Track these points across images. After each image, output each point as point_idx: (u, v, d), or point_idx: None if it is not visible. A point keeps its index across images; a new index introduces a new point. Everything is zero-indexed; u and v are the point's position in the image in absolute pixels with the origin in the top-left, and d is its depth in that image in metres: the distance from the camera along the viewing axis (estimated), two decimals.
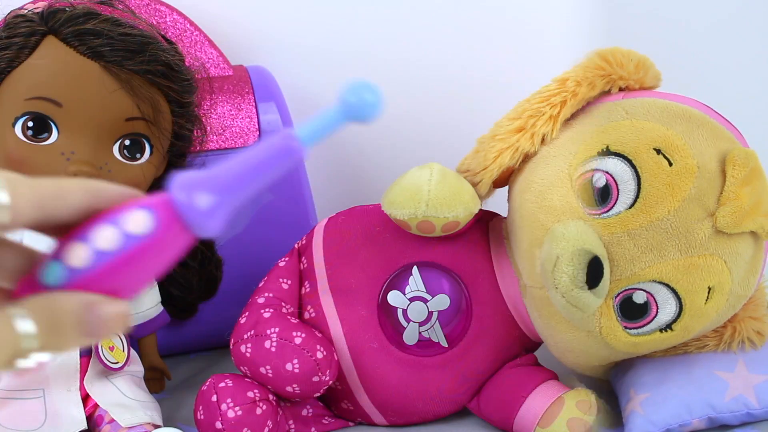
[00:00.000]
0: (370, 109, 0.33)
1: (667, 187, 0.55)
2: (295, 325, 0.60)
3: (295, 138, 0.32)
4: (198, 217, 0.31)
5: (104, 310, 0.30)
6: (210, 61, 0.80)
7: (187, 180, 0.31)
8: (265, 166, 0.32)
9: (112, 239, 0.31)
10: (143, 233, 0.31)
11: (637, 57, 0.62)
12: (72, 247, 0.31)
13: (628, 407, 0.61)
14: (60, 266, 0.31)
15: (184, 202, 0.31)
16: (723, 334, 0.61)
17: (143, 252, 0.31)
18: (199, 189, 0.31)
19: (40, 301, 0.29)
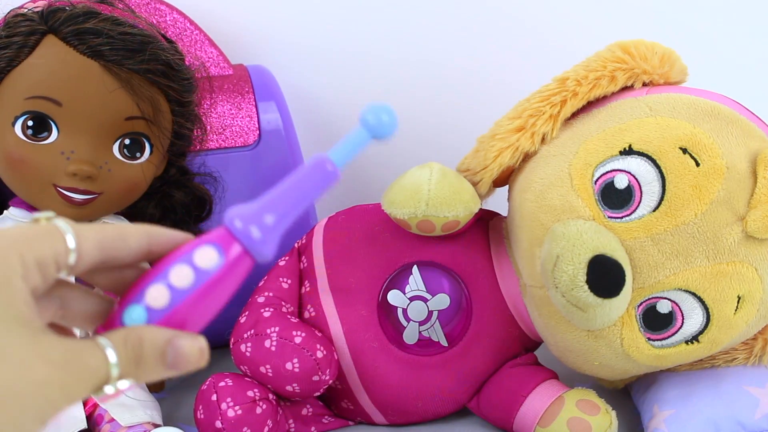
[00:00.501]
0: (388, 128, 0.37)
1: (694, 188, 0.53)
2: (295, 325, 0.60)
3: (329, 161, 0.36)
4: (257, 245, 0.35)
5: (184, 345, 0.32)
6: (210, 60, 0.80)
7: (243, 212, 0.35)
8: (306, 191, 0.36)
9: (187, 277, 0.34)
10: (213, 267, 0.34)
11: (662, 50, 0.60)
12: (151, 289, 0.34)
13: (651, 424, 0.59)
14: (141, 308, 0.34)
15: (244, 233, 0.34)
16: (753, 347, 0.59)
17: (215, 285, 0.34)
18: (254, 219, 0.35)
19: (126, 333, 0.32)
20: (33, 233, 0.32)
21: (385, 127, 0.37)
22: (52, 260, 0.32)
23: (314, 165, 0.36)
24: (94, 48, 0.55)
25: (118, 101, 0.56)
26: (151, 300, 0.34)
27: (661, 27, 0.89)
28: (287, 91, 0.82)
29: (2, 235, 0.32)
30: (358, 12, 0.90)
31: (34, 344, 0.30)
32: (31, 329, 0.30)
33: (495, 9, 0.90)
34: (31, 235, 0.32)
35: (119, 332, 0.32)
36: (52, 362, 0.30)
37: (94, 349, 0.31)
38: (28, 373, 0.29)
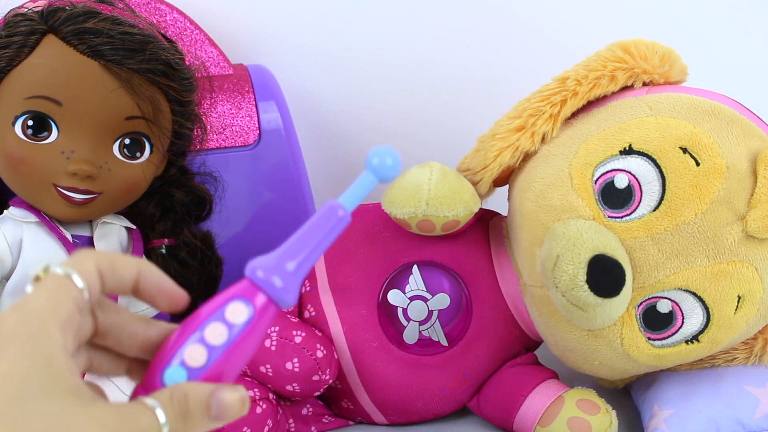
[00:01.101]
0: (392, 170, 0.39)
1: (694, 188, 0.53)
2: (295, 324, 0.60)
3: (340, 207, 0.39)
4: (281, 293, 0.37)
5: (226, 396, 0.34)
6: (210, 59, 0.80)
7: (263, 263, 0.37)
8: (321, 238, 0.38)
9: (222, 334, 0.36)
10: (245, 321, 0.36)
11: (662, 49, 0.60)
12: (188, 349, 0.36)
13: (652, 424, 0.59)
14: (180, 368, 0.36)
15: (267, 282, 0.37)
16: (753, 347, 0.59)
17: (247, 337, 0.37)
18: (275, 269, 0.37)
19: (171, 392, 0.34)
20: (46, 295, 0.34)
21: (389, 170, 0.39)
22: (75, 309, 0.34)
23: (326, 212, 0.39)
24: (94, 47, 0.55)
25: (118, 101, 0.56)
26: (190, 360, 0.36)
27: (661, 27, 0.89)
28: (287, 90, 0.82)
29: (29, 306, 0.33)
30: (358, 12, 0.90)
31: (88, 412, 0.31)
32: (83, 398, 0.32)
33: (495, 9, 0.90)
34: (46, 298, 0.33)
35: (164, 392, 0.34)
36: (107, 427, 0.31)
37: (143, 410, 0.33)
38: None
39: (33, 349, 0.32)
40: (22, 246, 0.57)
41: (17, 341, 0.32)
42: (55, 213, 0.58)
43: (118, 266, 0.37)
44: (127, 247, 0.63)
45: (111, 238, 0.62)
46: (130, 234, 0.64)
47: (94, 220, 0.61)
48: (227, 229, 0.73)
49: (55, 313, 0.33)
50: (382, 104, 0.93)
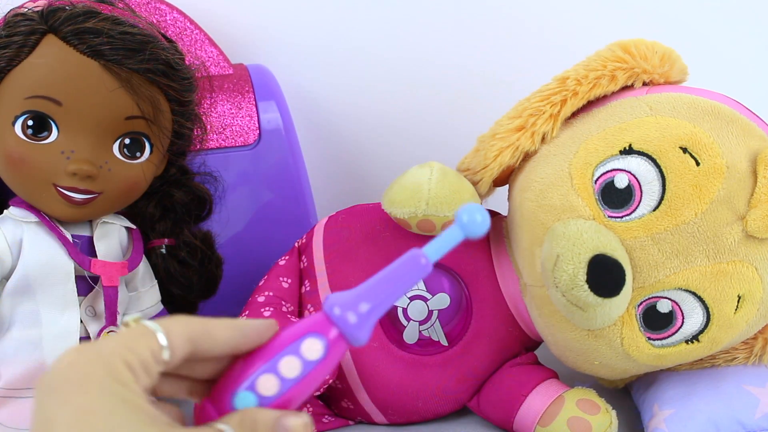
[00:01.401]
0: (480, 227, 0.39)
1: (694, 188, 0.53)
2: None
3: (423, 256, 0.39)
4: (355, 331, 0.38)
5: (292, 423, 0.36)
6: (210, 59, 0.80)
7: (341, 300, 0.38)
8: (399, 283, 0.39)
9: (296, 368, 0.37)
10: (319, 358, 0.38)
11: (662, 49, 0.60)
12: (261, 379, 0.37)
13: (652, 424, 0.59)
14: (252, 395, 0.37)
15: (342, 319, 0.38)
16: (753, 346, 0.59)
17: (320, 371, 0.38)
18: (351, 307, 0.38)
19: (241, 416, 0.36)
20: (129, 339, 0.36)
21: (478, 226, 0.39)
22: (152, 359, 0.36)
23: (409, 259, 0.39)
24: (94, 47, 0.55)
25: (118, 101, 0.56)
26: (262, 389, 0.37)
27: (661, 27, 0.89)
28: (287, 90, 0.82)
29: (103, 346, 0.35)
30: (358, 11, 0.90)
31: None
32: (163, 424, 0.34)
33: (495, 8, 0.91)
34: (127, 340, 0.36)
35: (234, 416, 0.36)
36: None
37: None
38: None
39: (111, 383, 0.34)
40: (22, 246, 0.57)
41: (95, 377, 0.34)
42: (55, 213, 0.58)
43: (214, 331, 0.38)
44: (127, 247, 0.63)
45: (111, 238, 0.62)
46: (130, 234, 0.64)
47: (94, 220, 0.61)
48: (227, 229, 0.73)
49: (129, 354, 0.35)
50: (382, 104, 0.93)
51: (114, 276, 0.60)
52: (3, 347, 0.56)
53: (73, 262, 0.58)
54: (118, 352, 0.35)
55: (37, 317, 0.57)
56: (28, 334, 0.57)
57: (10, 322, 0.57)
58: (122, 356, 0.35)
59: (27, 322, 0.57)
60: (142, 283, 0.65)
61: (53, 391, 0.34)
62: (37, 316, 0.57)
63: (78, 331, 0.58)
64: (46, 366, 0.56)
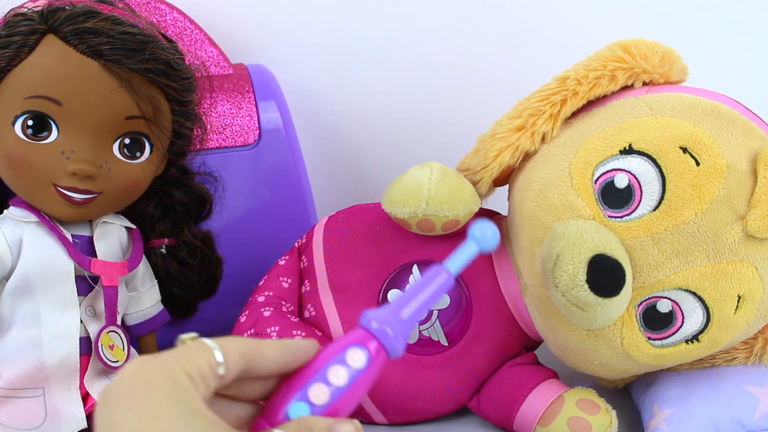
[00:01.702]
0: (491, 241, 0.44)
1: (694, 188, 0.53)
2: (294, 324, 0.60)
3: (446, 270, 0.44)
4: (392, 342, 0.42)
5: (345, 429, 0.39)
6: (210, 59, 0.80)
7: (377, 315, 0.42)
8: (428, 296, 0.43)
9: (343, 376, 0.41)
10: (363, 366, 0.41)
11: (662, 49, 0.60)
12: (313, 388, 0.40)
13: (652, 424, 0.59)
14: (304, 404, 0.40)
15: (381, 332, 0.42)
16: (753, 346, 0.59)
17: (364, 379, 0.41)
18: (387, 321, 0.42)
19: (297, 424, 0.38)
20: (188, 352, 0.38)
21: (489, 241, 0.44)
22: (209, 372, 0.38)
23: (434, 274, 0.44)
24: (94, 47, 0.55)
25: (118, 101, 0.56)
26: (314, 398, 0.40)
27: (661, 27, 0.89)
28: (287, 90, 0.82)
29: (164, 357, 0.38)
30: (358, 11, 0.90)
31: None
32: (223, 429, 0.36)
33: (495, 8, 0.90)
34: (187, 353, 0.38)
35: (290, 424, 0.38)
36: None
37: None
38: None
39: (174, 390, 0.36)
40: (22, 246, 0.57)
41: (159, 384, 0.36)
42: (55, 213, 0.58)
43: (265, 350, 0.41)
44: (127, 247, 0.63)
45: (111, 237, 0.62)
46: (130, 234, 0.64)
47: (94, 219, 0.61)
48: (227, 229, 0.73)
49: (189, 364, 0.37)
50: (382, 104, 0.93)
51: (114, 276, 0.60)
52: (3, 347, 0.56)
53: (73, 262, 0.58)
54: (179, 362, 0.38)
55: (37, 317, 0.57)
56: (28, 334, 0.57)
57: (10, 322, 0.57)
58: (183, 366, 0.37)
59: (27, 322, 0.57)
60: (142, 283, 0.65)
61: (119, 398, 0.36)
62: (37, 316, 0.57)
63: (78, 331, 0.58)
64: (46, 366, 0.56)
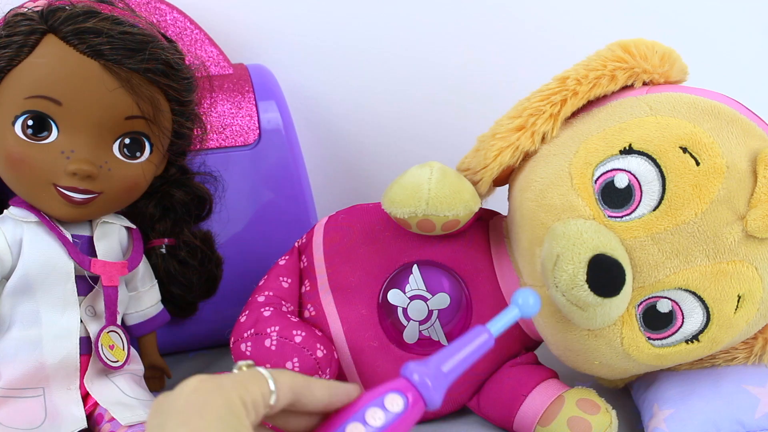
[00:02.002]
0: (533, 308, 0.47)
1: (694, 188, 0.53)
2: (295, 324, 0.60)
3: (488, 331, 0.47)
4: (431, 393, 0.44)
5: None
6: (210, 59, 0.80)
7: (419, 367, 0.45)
8: (468, 354, 0.46)
9: (380, 418, 0.43)
10: (399, 411, 0.43)
11: (662, 49, 0.59)
12: (350, 427, 0.43)
13: (652, 423, 0.59)
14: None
15: (421, 383, 0.44)
16: (753, 346, 0.59)
17: (400, 425, 0.43)
18: (427, 373, 0.45)
19: None
20: (245, 379, 0.41)
21: (530, 308, 0.48)
22: (261, 400, 0.41)
23: (476, 334, 0.47)
24: (94, 47, 0.55)
25: (118, 100, 0.56)
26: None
27: (661, 26, 0.89)
28: (287, 90, 0.82)
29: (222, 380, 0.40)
30: (358, 11, 0.90)
31: None
32: None
33: (495, 8, 0.91)
34: (243, 380, 0.41)
35: None
36: None
37: None
38: None
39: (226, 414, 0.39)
40: (22, 246, 0.57)
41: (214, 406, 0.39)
42: (55, 213, 0.58)
43: (313, 387, 0.44)
44: (127, 246, 0.63)
45: (111, 237, 0.62)
46: (130, 234, 0.64)
47: (94, 219, 0.61)
48: (227, 229, 0.73)
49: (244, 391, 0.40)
50: (382, 104, 0.93)
51: (114, 276, 0.60)
52: (3, 347, 0.56)
53: (73, 261, 0.58)
54: (236, 388, 0.40)
55: (37, 317, 0.57)
56: (28, 333, 0.57)
57: (10, 322, 0.57)
58: (238, 392, 0.40)
59: (27, 321, 0.57)
60: (142, 282, 0.65)
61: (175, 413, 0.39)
62: (37, 315, 0.57)
63: (78, 330, 0.58)
64: (46, 366, 0.56)
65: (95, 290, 0.60)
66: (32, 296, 0.57)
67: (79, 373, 0.58)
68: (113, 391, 0.59)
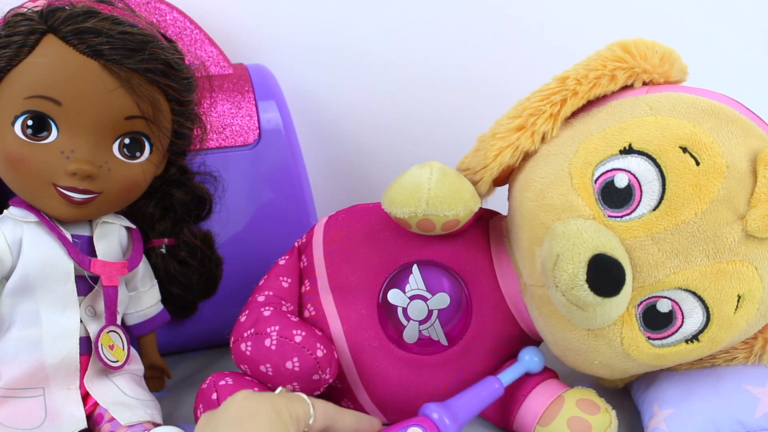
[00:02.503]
0: (538, 364, 0.60)
1: (694, 187, 0.53)
2: (295, 324, 0.60)
3: (498, 381, 0.58)
4: (448, 430, 0.53)
5: None
6: (210, 59, 0.80)
7: (438, 408, 0.54)
8: (480, 399, 0.57)
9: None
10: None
11: (662, 49, 0.59)
12: None
13: (651, 423, 0.59)
14: None
15: (440, 422, 0.54)
16: (753, 346, 0.59)
17: None
18: (446, 413, 0.54)
19: None
20: (289, 396, 0.47)
21: (535, 364, 0.60)
22: (303, 418, 0.47)
23: (488, 383, 0.58)
24: (93, 47, 0.55)
25: (117, 100, 0.56)
26: None
27: (661, 26, 0.89)
28: (287, 90, 0.82)
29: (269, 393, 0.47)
30: (358, 11, 0.90)
31: None
32: None
33: (495, 8, 0.91)
34: (288, 396, 0.47)
35: None
36: None
37: None
38: None
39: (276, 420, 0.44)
40: (22, 246, 0.57)
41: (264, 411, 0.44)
42: (55, 213, 0.58)
43: (344, 415, 0.51)
44: (127, 246, 0.63)
45: (111, 237, 0.62)
46: (130, 234, 0.64)
47: (94, 219, 0.61)
48: (227, 229, 0.73)
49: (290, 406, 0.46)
50: (382, 104, 0.93)
51: (114, 276, 0.60)
52: (3, 347, 0.56)
53: (72, 261, 0.58)
54: (283, 400, 0.46)
55: (37, 317, 0.57)
56: (28, 334, 0.57)
57: (10, 322, 0.57)
58: (285, 404, 0.45)
59: (27, 321, 0.57)
60: (142, 282, 0.65)
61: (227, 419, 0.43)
62: (37, 315, 0.57)
63: (78, 330, 0.58)
64: (46, 366, 0.56)
65: (95, 290, 0.60)
66: (32, 296, 0.57)
67: (79, 373, 0.58)
68: (113, 391, 0.59)
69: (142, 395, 0.60)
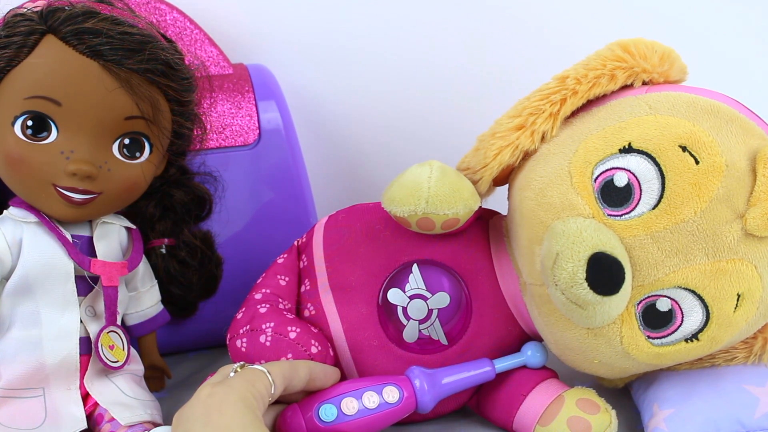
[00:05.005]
0: (539, 360, 0.60)
1: (694, 186, 0.53)
2: (290, 320, 0.60)
3: (491, 364, 0.57)
4: (424, 396, 0.53)
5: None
6: (210, 59, 0.80)
7: (421, 372, 0.55)
8: (467, 376, 0.56)
9: (374, 402, 0.52)
10: (393, 403, 0.52)
11: (661, 49, 0.59)
12: (346, 399, 0.52)
13: (651, 423, 0.59)
14: (335, 408, 0.52)
15: (421, 388, 0.54)
16: (753, 346, 0.59)
17: (389, 415, 0.51)
18: (427, 379, 0.54)
19: None
20: (249, 378, 0.49)
21: (537, 359, 0.59)
22: (265, 392, 0.49)
23: (481, 364, 0.58)
24: (93, 48, 0.55)
25: (117, 101, 0.56)
26: (344, 408, 0.52)
27: (661, 26, 0.89)
28: (287, 90, 0.82)
29: (232, 382, 0.48)
30: (358, 11, 0.90)
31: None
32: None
33: (495, 8, 0.91)
34: (249, 378, 0.48)
35: None
36: None
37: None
38: None
39: (242, 408, 0.45)
40: (22, 246, 0.57)
41: (230, 402, 0.45)
42: (55, 213, 0.58)
43: (298, 369, 0.53)
44: (127, 246, 0.63)
45: (111, 238, 0.62)
46: (130, 234, 0.64)
47: (94, 220, 0.61)
48: (227, 229, 0.73)
49: (253, 389, 0.47)
50: (382, 104, 0.93)
51: (114, 276, 0.60)
52: (3, 347, 0.56)
53: (72, 262, 0.58)
54: (245, 386, 0.47)
55: (37, 317, 0.57)
56: (28, 334, 0.57)
57: (10, 322, 0.57)
58: (249, 389, 0.47)
59: (27, 322, 0.57)
60: (142, 283, 0.65)
61: (195, 417, 0.44)
62: (37, 316, 0.57)
63: (78, 331, 0.58)
64: (46, 366, 0.56)
65: (95, 290, 0.60)
66: (32, 296, 0.57)
67: (79, 373, 0.58)
68: (113, 391, 0.59)
69: (142, 395, 0.60)
